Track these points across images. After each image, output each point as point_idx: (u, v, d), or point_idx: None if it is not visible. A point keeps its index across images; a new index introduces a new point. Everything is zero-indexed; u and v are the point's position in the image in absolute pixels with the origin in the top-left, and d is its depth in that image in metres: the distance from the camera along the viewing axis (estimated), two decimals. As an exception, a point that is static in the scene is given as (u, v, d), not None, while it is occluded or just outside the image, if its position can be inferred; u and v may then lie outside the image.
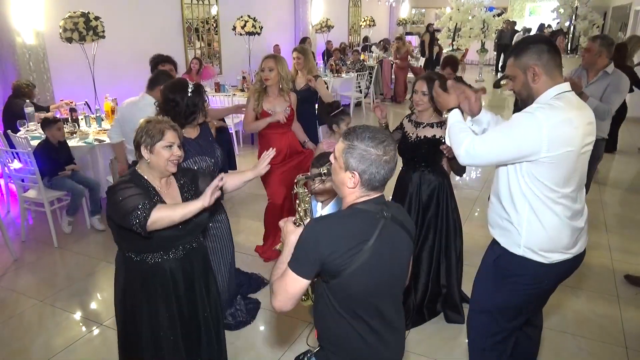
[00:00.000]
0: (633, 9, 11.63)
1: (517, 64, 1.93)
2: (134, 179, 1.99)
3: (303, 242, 1.45)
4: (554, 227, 1.90)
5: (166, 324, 2.08)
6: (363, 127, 1.48)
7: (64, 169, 4.37)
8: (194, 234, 2.13)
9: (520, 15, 20.31)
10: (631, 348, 2.89)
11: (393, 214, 1.52)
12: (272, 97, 3.63)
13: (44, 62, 5.99)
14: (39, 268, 3.93)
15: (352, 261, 1.42)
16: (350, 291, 1.47)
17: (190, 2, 8.53)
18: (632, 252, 4.05)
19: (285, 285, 1.47)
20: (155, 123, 2.00)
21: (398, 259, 1.56)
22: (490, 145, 1.87)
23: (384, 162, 1.45)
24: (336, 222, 1.48)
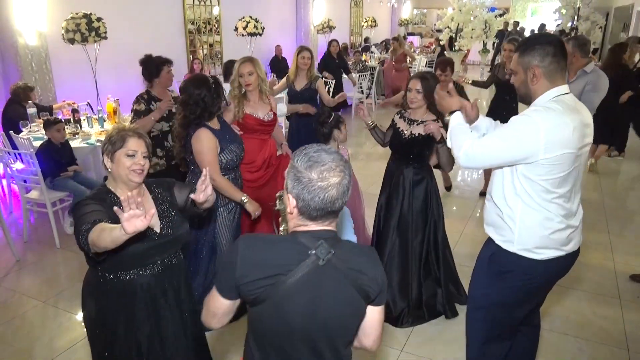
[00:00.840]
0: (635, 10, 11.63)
1: (520, 61, 1.94)
2: (98, 195, 1.87)
3: (226, 257, 1.35)
4: (547, 225, 1.93)
5: (145, 342, 1.97)
6: (311, 146, 1.31)
7: (66, 170, 4.37)
8: (172, 249, 2.00)
9: (522, 15, 20.31)
10: (633, 350, 2.88)
11: (338, 257, 1.29)
12: (252, 102, 3.40)
13: (46, 63, 6.00)
14: (41, 269, 3.94)
15: (263, 294, 1.27)
16: (262, 327, 1.35)
17: (192, 3, 8.54)
18: (635, 254, 4.04)
19: (208, 301, 1.38)
20: (119, 130, 1.89)
21: (325, 311, 1.30)
22: (488, 148, 1.89)
23: (317, 188, 1.25)
24: (262, 245, 1.33)
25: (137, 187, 1.95)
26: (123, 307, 1.92)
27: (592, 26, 11.26)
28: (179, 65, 7.86)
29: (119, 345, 1.95)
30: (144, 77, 3.78)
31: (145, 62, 3.74)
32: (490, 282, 2.10)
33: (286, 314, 1.29)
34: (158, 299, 1.97)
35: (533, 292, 2.11)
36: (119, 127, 1.95)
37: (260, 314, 1.32)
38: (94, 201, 1.80)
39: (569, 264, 2.07)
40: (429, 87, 2.89)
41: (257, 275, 1.27)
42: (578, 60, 3.78)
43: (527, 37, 2.11)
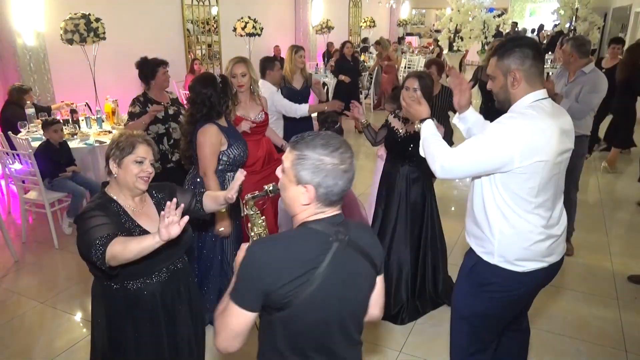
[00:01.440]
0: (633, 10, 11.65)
1: (500, 65, 1.88)
2: (102, 204, 1.84)
3: (244, 269, 1.26)
4: (528, 236, 1.88)
5: (152, 350, 1.96)
6: (313, 134, 1.30)
7: (64, 171, 4.37)
8: (178, 255, 2.00)
9: (520, 16, 20.34)
10: (631, 352, 2.89)
11: (351, 238, 1.32)
12: (244, 102, 3.40)
13: (45, 63, 6.00)
14: (39, 269, 3.94)
15: (298, 292, 1.24)
16: (297, 327, 1.30)
17: (190, 3, 8.53)
18: (633, 255, 4.05)
19: (227, 321, 1.27)
20: (128, 136, 1.88)
21: (353, 290, 1.36)
22: (464, 158, 1.83)
23: (341, 172, 1.26)
24: (282, 245, 1.29)
25: (142, 193, 1.94)
26: (132, 317, 1.90)
27: (591, 27, 11.27)
28: (177, 66, 7.87)
29: (130, 353, 1.93)
30: (141, 80, 3.80)
31: (141, 65, 3.74)
32: (472, 293, 2.06)
33: (324, 305, 1.29)
34: (167, 305, 1.96)
35: (515, 302, 2.07)
36: (127, 132, 1.93)
37: (294, 315, 1.27)
38: (99, 212, 1.77)
39: (552, 274, 2.03)
40: (426, 86, 2.92)
41: (289, 277, 1.23)
42: (576, 60, 3.75)
43: (504, 40, 2.02)
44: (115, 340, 1.94)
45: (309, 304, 1.26)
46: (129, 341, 1.92)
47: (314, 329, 1.32)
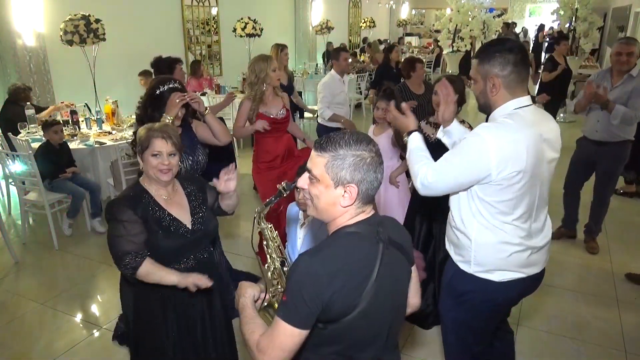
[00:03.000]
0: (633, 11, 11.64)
1: (480, 69, 1.82)
2: (133, 198, 1.94)
3: (299, 286, 1.18)
4: (504, 248, 1.84)
5: (178, 337, 2.06)
6: (339, 133, 1.26)
7: (64, 172, 4.37)
8: (203, 244, 2.09)
9: (520, 16, 20.36)
10: (630, 352, 2.89)
11: (390, 235, 1.30)
12: (268, 99, 3.49)
13: (45, 64, 6.00)
14: (39, 271, 3.94)
15: (358, 300, 1.21)
16: (353, 337, 1.26)
17: (190, 4, 8.54)
18: (632, 256, 4.05)
19: (279, 342, 1.20)
20: (147, 130, 1.96)
21: (399, 291, 1.36)
22: (442, 174, 1.79)
23: (378, 164, 1.25)
24: (334, 254, 1.23)
25: (169, 184, 2.02)
26: (160, 303, 2.02)
27: (590, 27, 11.27)
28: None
29: (153, 334, 2.05)
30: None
31: (157, 63, 3.80)
32: (454, 304, 2.03)
33: (379, 310, 1.27)
34: (190, 294, 2.01)
35: (494, 312, 2.04)
36: (148, 126, 2.00)
37: (351, 323, 1.23)
38: (129, 208, 1.89)
39: (530, 286, 1.99)
40: (456, 89, 2.86)
41: (348, 285, 1.20)
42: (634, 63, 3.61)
43: (487, 43, 1.90)
44: (142, 321, 2.06)
45: (367, 312, 1.22)
46: (157, 328, 2.04)
47: (370, 339, 1.29)
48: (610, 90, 3.67)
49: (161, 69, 3.76)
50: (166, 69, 3.75)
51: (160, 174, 1.94)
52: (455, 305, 2.03)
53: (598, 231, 4.14)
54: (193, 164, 2.76)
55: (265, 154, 3.60)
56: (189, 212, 2.04)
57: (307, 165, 1.30)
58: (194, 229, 2.01)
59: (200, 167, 2.82)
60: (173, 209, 2.01)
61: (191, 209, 2.05)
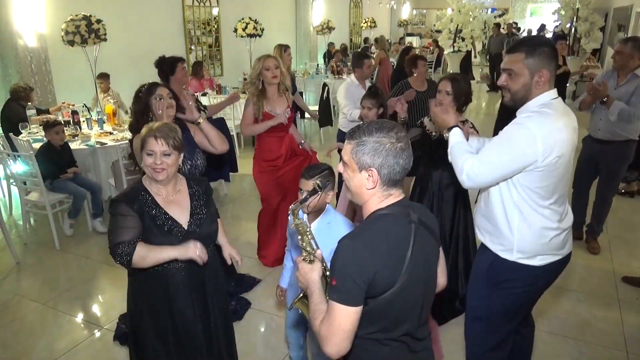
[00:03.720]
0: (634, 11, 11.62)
1: (528, 63, 1.86)
2: (131, 195, 1.97)
3: (345, 267, 1.27)
4: (545, 232, 1.93)
5: (169, 332, 2.06)
6: (367, 123, 1.39)
7: (65, 172, 4.38)
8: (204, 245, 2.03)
9: (521, 16, 20.36)
10: (632, 352, 2.89)
11: (420, 218, 1.39)
12: (272, 99, 3.51)
13: (46, 65, 6.01)
14: (40, 271, 3.94)
15: (397, 277, 1.30)
16: (388, 312, 1.34)
17: (191, 4, 8.54)
18: (634, 256, 4.04)
19: (338, 324, 1.28)
20: (148, 129, 1.98)
21: (431, 268, 1.45)
22: (489, 165, 1.85)
23: (400, 150, 1.33)
24: (373, 236, 1.32)
25: (168, 183, 2.02)
26: (151, 296, 2.04)
27: (592, 27, 11.26)
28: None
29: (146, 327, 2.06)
30: (160, 77, 3.78)
31: (160, 62, 3.80)
32: (490, 292, 2.08)
33: (415, 287, 1.35)
34: (183, 293, 2.04)
35: (532, 297, 2.13)
36: (149, 126, 2.01)
37: (389, 301, 1.31)
38: (127, 204, 1.92)
39: (564, 266, 2.08)
40: (459, 88, 2.87)
41: (389, 262, 1.29)
42: (635, 62, 3.64)
43: (528, 37, 2.03)
44: (138, 320, 2.08)
45: (404, 287, 1.31)
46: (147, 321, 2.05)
47: (402, 312, 1.36)
48: (615, 88, 3.70)
49: (164, 68, 3.77)
50: (168, 69, 3.75)
51: (154, 173, 1.95)
52: (491, 295, 2.08)
53: (600, 231, 4.14)
54: (192, 167, 2.76)
55: (267, 153, 3.62)
56: (188, 212, 2.04)
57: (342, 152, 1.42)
58: (188, 230, 2.00)
59: (199, 170, 2.82)
60: (171, 208, 2.01)
61: (191, 209, 2.05)
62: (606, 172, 3.95)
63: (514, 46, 1.92)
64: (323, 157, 7.12)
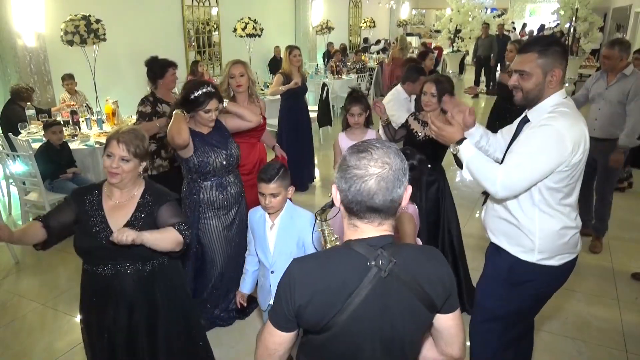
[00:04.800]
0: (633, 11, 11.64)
1: (542, 62, 1.85)
2: (83, 192, 2.03)
3: (279, 288, 1.21)
4: (565, 231, 1.94)
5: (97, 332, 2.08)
6: (366, 142, 1.22)
7: (65, 172, 4.38)
8: (122, 258, 1.97)
9: (520, 16, 20.39)
10: (631, 352, 2.89)
11: (398, 265, 1.17)
12: (241, 104, 3.35)
13: (45, 65, 6.01)
14: (40, 271, 3.94)
15: (329, 319, 1.16)
16: (327, 355, 1.24)
17: (190, 4, 8.54)
18: (632, 255, 4.05)
19: (264, 339, 1.25)
20: (114, 131, 1.99)
21: (393, 326, 1.20)
22: (524, 171, 1.81)
23: (354, 177, 1.16)
24: (317, 266, 1.20)
25: (122, 188, 2.00)
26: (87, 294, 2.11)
27: (591, 27, 11.27)
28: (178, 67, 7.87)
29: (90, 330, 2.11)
30: (149, 78, 3.79)
31: (151, 63, 3.78)
32: (509, 293, 2.06)
33: (356, 338, 1.19)
34: (109, 300, 2.03)
35: (548, 296, 2.14)
36: (117, 129, 2.02)
37: (325, 342, 1.21)
38: (74, 198, 2.00)
39: (575, 264, 2.09)
40: (444, 89, 2.91)
41: (321, 301, 1.16)
42: (623, 63, 3.75)
43: (539, 37, 2.02)
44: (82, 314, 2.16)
45: (340, 335, 1.18)
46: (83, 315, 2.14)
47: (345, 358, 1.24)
48: (606, 88, 3.82)
49: (153, 70, 3.75)
50: (158, 71, 3.74)
51: (109, 175, 1.94)
52: (510, 295, 2.05)
53: (604, 229, 4.14)
54: (227, 157, 2.86)
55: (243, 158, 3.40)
56: (126, 220, 1.97)
57: None
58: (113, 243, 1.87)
59: (234, 159, 2.92)
60: (114, 215, 1.97)
61: (130, 218, 1.98)
62: (602, 170, 4.00)
63: (526, 46, 1.91)
64: (322, 157, 7.09)
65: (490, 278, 2.16)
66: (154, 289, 2.06)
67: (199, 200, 2.87)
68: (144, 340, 2.06)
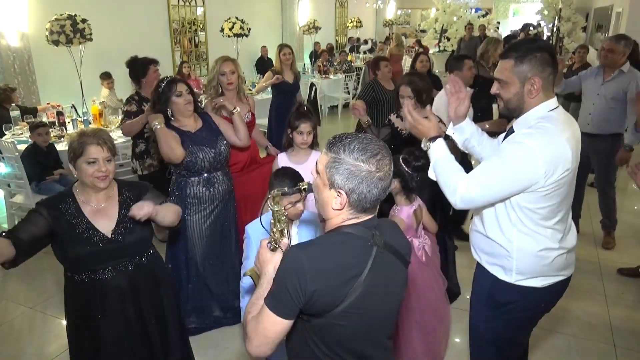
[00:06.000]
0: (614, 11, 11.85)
1: (517, 70, 1.72)
2: (55, 201, 1.92)
3: (284, 276, 1.21)
4: (546, 254, 1.80)
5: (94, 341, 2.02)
6: (352, 137, 1.24)
7: (52, 174, 4.31)
8: (123, 256, 1.98)
9: (504, 16, 20.61)
10: (619, 346, 2.95)
11: (387, 240, 1.29)
12: (230, 102, 3.27)
13: (29, 65, 5.91)
14: (27, 274, 3.88)
15: (341, 299, 1.20)
16: (336, 334, 1.26)
17: (176, 4, 8.47)
18: (619, 251, 4.12)
19: (262, 328, 1.23)
20: (80, 135, 1.90)
21: (392, 295, 1.34)
22: (487, 187, 1.69)
23: (377, 180, 1.21)
24: (323, 251, 1.24)
25: (106, 189, 1.96)
26: (80, 306, 2.00)
27: (574, 27, 11.44)
28: (164, 67, 7.74)
29: (80, 339, 2.05)
30: (132, 79, 3.76)
31: (132, 64, 3.74)
32: (493, 316, 1.94)
33: (366, 312, 1.25)
34: (111, 303, 1.97)
35: (536, 316, 2.02)
36: (80, 132, 1.95)
37: (334, 323, 1.23)
38: (45, 208, 1.88)
39: (565, 287, 1.97)
40: (418, 88, 2.94)
41: (333, 283, 1.20)
42: (623, 59, 3.71)
43: (518, 42, 1.83)
44: (71, 324, 2.09)
45: (351, 311, 1.22)
46: (78, 327, 2.04)
47: (353, 336, 1.28)
48: (602, 84, 3.83)
49: (135, 70, 3.72)
50: (140, 70, 3.71)
51: (97, 181, 1.88)
52: (494, 317, 1.94)
53: (614, 224, 4.18)
54: (216, 155, 2.86)
55: None
56: (115, 221, 1.96)
57: None
58: (111, 239, 1.92)
59: (223, 157, 2.91)
60: (97, 217, 1.93)
61: (119, 217, 1.96)
62: (597, 166, 4.05)
63: (505, 52, 1.79)
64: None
65: (476, 297, 2.06)
66: (150, 281, 2.08)
67: (186, 195, 2.89)
68: (155, 332, 2.09)
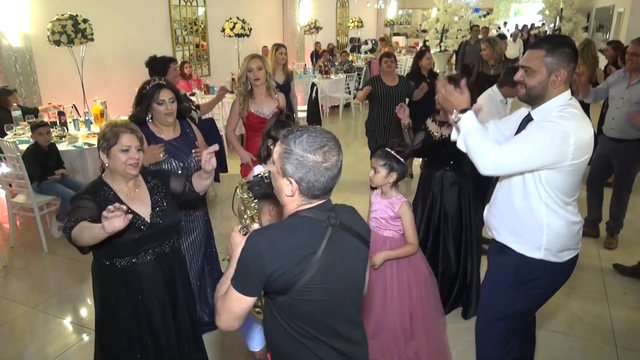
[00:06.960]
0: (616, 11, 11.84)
1: (547, 61, 1.87)
2: (93, 188, 2.00)
3: (245, 257, 1.32)
4: (570, 227, 1.98)
5: (136, 327, 2.06)
6: (303, 130, 1.34)
7: (53, 174, 4.32)
8: (162, 238, 2.08)
9: (505, 15, 20.60)
10: (620, 346, 2.95)
11: (342, 220, 1.40)
12: (259, 98, 3.51)
13: (31, 65, 5.91)
14: (29, 274, 3.89)
15: (299, 277, 1.31)
16: (300, 310, 1.37)
17: (177, 4, 8.48)
18: (619, 251, 4.12)
19: (229, 305, 1.36)
20: (112, 126, 1.99)
21: (351, 270, 1.45)
22: (520, 153, 1.84)
23: (323, 169, 1.32)
24: (280, 234, 1.35)
25: (134, 178, 2.05)
26: (122, 292, 2.03)
27: (575, 27, 11.43)
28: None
29: (119, 328, 2.05)
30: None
31: (151, 63, 3.79)
32: (516, 293, 2.07)
33: (324, 288, 1.36)
34: (151, 286, 2.05)
35: (553, 293, 2.15)
36: (111, 123, 2.03)
37: (296, 299, 1.34)
38: (88, 195, 1.94)
39: (577, 260, 2.12)
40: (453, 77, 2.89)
41: (290, 262, 1.30)
42: None
43: (550, 36, 2.08)
44: (109, 316, 2.08)
45: (310, 287, 1.33)
46: (113, 317, 2.06)
47: (320, 311, 1.39)
48: (627, 88, 3.82)
49: (155, 68, 3.75)
50: (160, 69, 3.74)
51: (129, 168, 1.98)
52: (517, 294, 2.07)
53: (619, 228, 4.19)
54: (183, 170, 2.70)
55: (255, 153, 3.56)
56: (149, 206, 2.06)
57: None
58: (152, 222, 2.02)
59: (190, 171, 2.72)
60: (134, 203, 2.02)
61: (152, 203, 2.07)
62: (618, 170, 4.05)
63: (536, 43, 1.95)
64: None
65: (496, 278, 2.16)
66: (180, 261, 2.22)
67: None
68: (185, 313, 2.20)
